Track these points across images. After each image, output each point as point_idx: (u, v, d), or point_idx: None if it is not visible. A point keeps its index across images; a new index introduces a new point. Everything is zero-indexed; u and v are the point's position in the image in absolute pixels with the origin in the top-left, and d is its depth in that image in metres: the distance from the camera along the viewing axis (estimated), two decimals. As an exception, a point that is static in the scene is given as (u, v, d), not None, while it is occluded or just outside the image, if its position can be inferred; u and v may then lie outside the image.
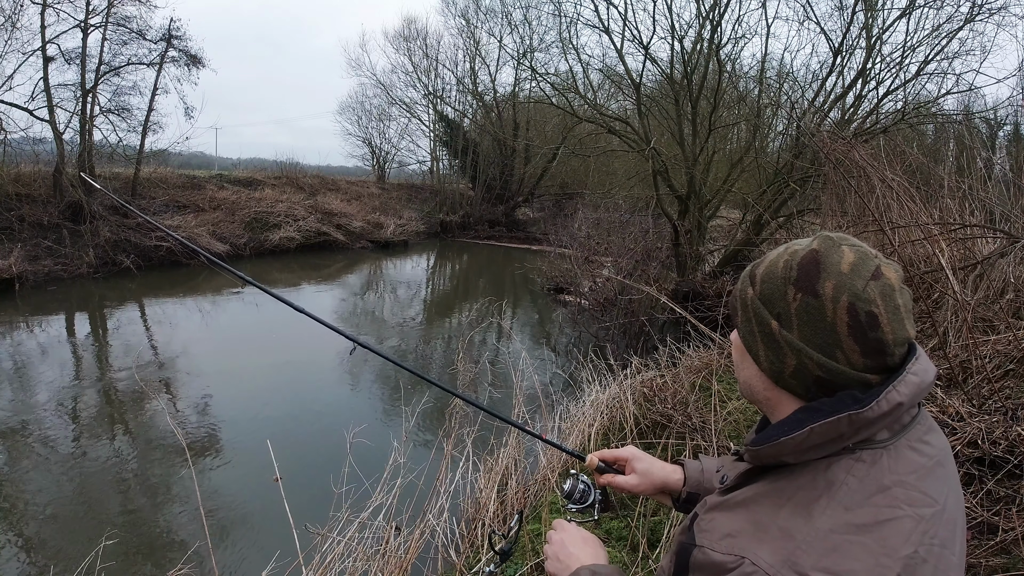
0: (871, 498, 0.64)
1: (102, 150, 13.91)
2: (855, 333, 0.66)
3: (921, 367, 0.69)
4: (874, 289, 0.66)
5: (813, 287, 0.68)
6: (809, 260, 0.69)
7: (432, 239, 22.26)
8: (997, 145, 8.41)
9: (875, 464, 0.66)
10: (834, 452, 0.67)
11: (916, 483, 0.66)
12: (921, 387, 0.68)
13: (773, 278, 0.72)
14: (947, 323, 3.37)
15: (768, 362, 0.73)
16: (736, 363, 0.82)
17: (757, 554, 0.63)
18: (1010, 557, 1.92)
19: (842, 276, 0.67)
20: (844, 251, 0.69)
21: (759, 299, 0.73)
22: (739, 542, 0.65)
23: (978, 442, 2.33)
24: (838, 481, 0.65)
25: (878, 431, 0.67)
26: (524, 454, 3.90)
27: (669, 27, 10.02)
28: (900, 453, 0.67)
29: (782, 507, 0.66)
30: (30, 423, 5.38)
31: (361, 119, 27.31)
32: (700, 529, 0.71)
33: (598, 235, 12.34)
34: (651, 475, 1.10)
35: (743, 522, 0.68)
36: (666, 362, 5.16)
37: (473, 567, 2.76)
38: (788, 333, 0.70)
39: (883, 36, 9.03)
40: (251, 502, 4.16)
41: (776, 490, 0.69)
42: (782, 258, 0.73)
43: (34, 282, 10.85)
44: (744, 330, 0.76)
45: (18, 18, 12.13)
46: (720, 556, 0.66)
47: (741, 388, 0.81)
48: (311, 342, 7.69)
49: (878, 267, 0.68)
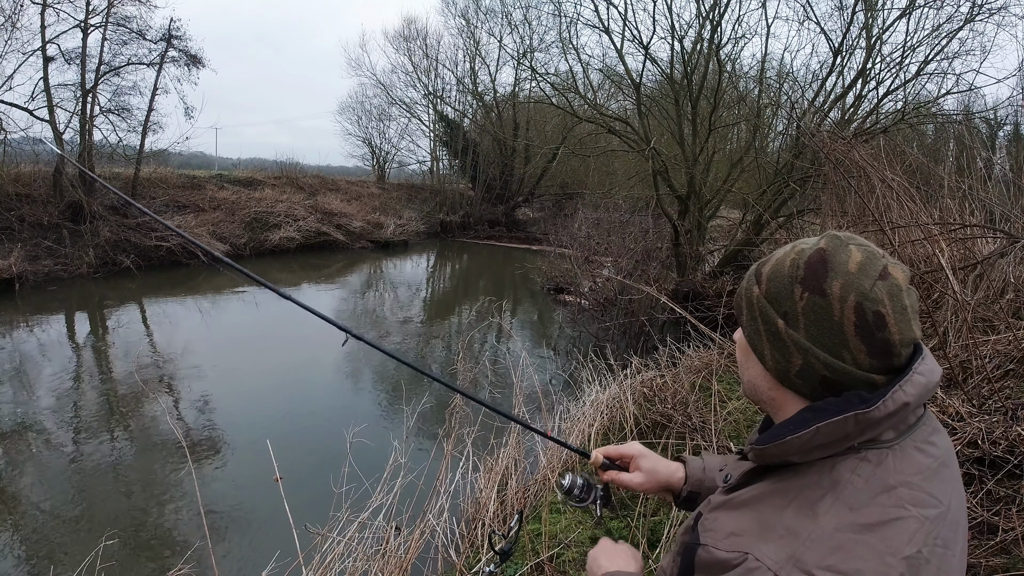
0: (876, 498, 0.64)
1: (102, 150, 13.89)
2: (862, 333, 0.66)
3: (927, 367, 0.68)
4: (881, 289, 0.66)
5: (820, 286, 0.67)
6: (816, 259, 0.69)
7: (432, 239, 22.24)
8: (997, 145, 8.42)
9: (880, 464, 0.66)
10: (839, 452, 0.67)
11: (921, 484, 0.66)
12: (927, 387, 0.68)
13: (780, 277, 0.71)
14: (947, 323, 3.37)
15: (774, 361, 0.72)
16: (740, 363, 0.81)
17: (762, 551, 0.63)
18: (1010, 557, 1.92)
19: (850, 275, 0.67)
20: (852, 250, 0.69)
21: (765, 298, 0.73)
22: (744, 540, 0.65)
23: (978, 442, 2.33)
24: (843, 480, 0.65)
25: (884, 431, 0.67)
26: (524, 454, 3.90)
27: (669, 27, 10.04)
28: (906, 453, 0.67)
29: (787, 506, 0.66)
30: (30, 423, 5.38)
31: (361, 119, 27.33)
32: (704, 528, 0.71)
33: (598, 235, 12.34)
34: (656, 473, 1.09)
35: (748, 521, 0.67)
36: (666, 362, 5.16)
37: (473, 567, 2.76)
38: (794, 332, 0.69)
39: (883, 36, 9.04)
40: (251, 502, 4.16)
41: (781, 489, 0.69)
42: (789, 257, 0.72)
43: (34, 282, 10.85)
44: (749, 329, 0.75)
45: (18, 18, 12.12)
46: (724, 554, 0.66)
47: (745, 388, 0.81)
48: (311, 342, 7.69)
49: (885, 267, 0.68)
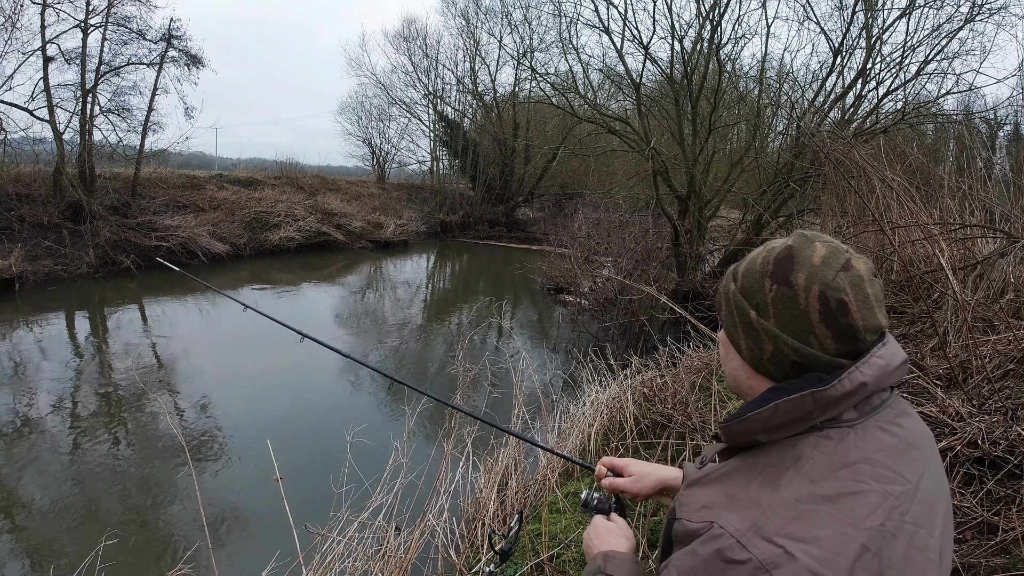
0: (837, 472, 0.67)
1: (102, 150, 13.88)
2: (826, 319, 0.70)
3: (888, 352, 0.72)
4: (844, 279, 0.71)
5: (787, 278, 0.73)
6: (784, 255, 0.75)
7: (432, 239, 22.24)
8: (997, 145, 8.41)
9: (842, 441, 0.69)
10: (803, 431, 0.71)
11: (884, 461, 0.68)
12: (886, 370, 0.71)
13: (752, 273, 0.77)
14: (947, 323, 3.36)
15: (748, 350, 0.78)
16: (723, 358, 0.86)
17: (726, 519, 0.67)
18: (1010, 557, 1.92)
19: (814, 268, 0.72)
20: (817, 246, 0.74)
21: (740, 292, 0.79)
22: (712, 512, 0.69)
23: (978, 442, 2.32)
24: (805, 456, 0.69)
25: (844, 411, 0.71)
26: (524, 454, 3.90)
27: (669, 27, 10.02)
28: (868, 432, 0.70)
29: (752, 480, 0.70)
30: (30, 423, 5.38)
31: (361, 119, 27.32)
32: (680, 503, 0.76)
33: (598, 235, 12.35)
34: (646, 476, 1.16)
35: (717, 495, 0.72)
36: (666, 362, 5.15)
37: (473, 567, 2.76)
38: (765, 321, 0.74)
39: (883, 36, 9.02)
40: (251, 502, 4.16)
41: (748, 466, 0.73)
42: (760, 255, 0.78)
43: (34, 282, 10.84)
44: (727, 323, 0.81)
45: (18, 18, 12.10)
46: (694, 525, 0.70)
47: (728, 381, 0.86)
48: (311, 342, 7.69)
49: (848, 260, 0.73)
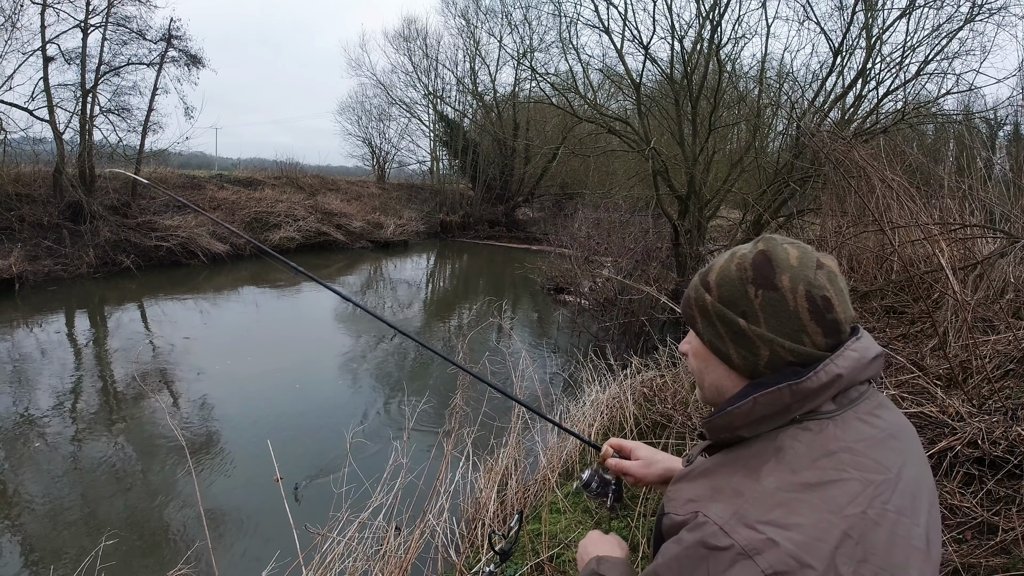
0: (817, 461, 0.68)
1: (102, 150, 13.88)
2: (816, 317, 0.72)
3: (862, 345, 0.74)
4: (822, 276, 0.73)
5: (771, 282, 0.73)
6: (761, 260, 0.75)
7: (432, 239, 22.23)
8: (997, 145, 8.41)
9: (821, 432, 0.70)
10: (783, 424, 0.72)
11: (864, 450, 0.69)
12: (861, 362, 0.73)
13: (729, 281, 0.77)
14: (947, 323, 3.36)
15: (741, 358, 0.76)
16: (698, 371, 0.84)
17: (710, 509, 0.68)
18: (1010, 557, 1.92)
19: (794, 269, 0.73)
20: (787, 248, 0.76)
21: (720, 303, 0.77)
22: (698, 504, 0.71)
23: (978, 442, 2.32)
24: (786, 447, 0.70)
25: (823, 403, 0.72)
26: (524, 454, 3.90)
27: (669, 27, 10.01)
28: (847, 423, 0.72)
29: (736, 472, 0.72)
30: (30, 423, 5.37)
31: (361, 119, 27.25)
32: (668, 499, 0.78)
33: (598, 235, 12.32)
34: (654, 463, 1.15)
35: (703, 488, 0.74)
36: (666, 362, 5.15)
37: (473, 567, 2.76)
38: (757, 327, 0.74)
39: (883, 36, 9.01)
40: (251, 502, 4.16)
41: (732, 459, 0.75)
42: (732, 262, 0.78)
43: (34, 282, 10.83)
44: (709, 334, 0.79)
45: (18, 18, 12.10)
46: (681, 517, 0.71)
47: (707, 393, 0.84)
48: (311, 342, 7.70)
49: (818, 258, 0.75)
